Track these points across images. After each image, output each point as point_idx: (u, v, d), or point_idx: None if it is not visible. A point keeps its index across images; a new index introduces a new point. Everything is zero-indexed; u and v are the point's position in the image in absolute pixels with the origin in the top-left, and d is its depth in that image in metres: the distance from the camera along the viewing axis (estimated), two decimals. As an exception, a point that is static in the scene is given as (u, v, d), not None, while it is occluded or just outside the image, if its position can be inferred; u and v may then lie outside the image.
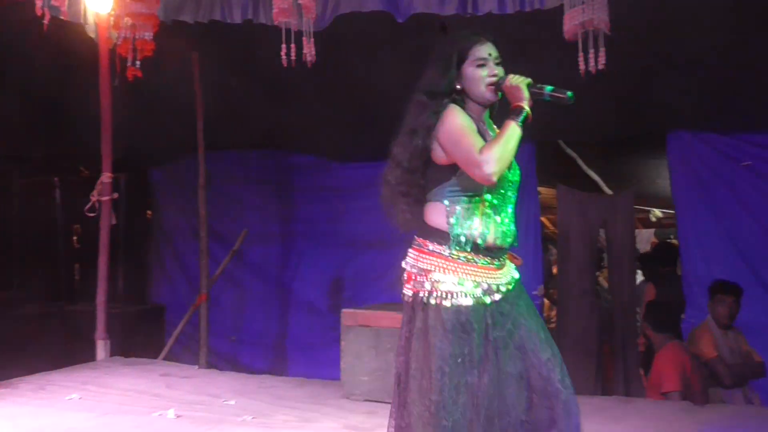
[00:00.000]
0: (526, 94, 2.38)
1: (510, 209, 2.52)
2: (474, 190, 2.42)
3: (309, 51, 3.86)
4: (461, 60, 2.48)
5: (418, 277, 2.43)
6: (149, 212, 7.73)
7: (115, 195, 5.35)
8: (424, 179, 2.50)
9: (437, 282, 2.39)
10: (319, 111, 5.92)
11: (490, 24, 4.04)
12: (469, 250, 2.41)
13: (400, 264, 2.53)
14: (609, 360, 6.17)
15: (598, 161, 6.79)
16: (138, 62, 4.49)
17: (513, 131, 2.34)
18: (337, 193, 6.78)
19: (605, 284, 6.76)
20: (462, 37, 2.53)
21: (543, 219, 6.92)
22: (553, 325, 6.38)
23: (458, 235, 2.41)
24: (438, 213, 2.46)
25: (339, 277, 6.91)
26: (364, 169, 6.61)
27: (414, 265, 2.45)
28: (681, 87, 4.87)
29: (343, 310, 4.58)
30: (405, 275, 2.49)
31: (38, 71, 5.55)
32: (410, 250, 2.49)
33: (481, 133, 2.43)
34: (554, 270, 7.13)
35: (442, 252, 2.41)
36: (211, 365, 5.84)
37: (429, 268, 2.41)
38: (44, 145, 6.51)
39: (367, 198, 6.59)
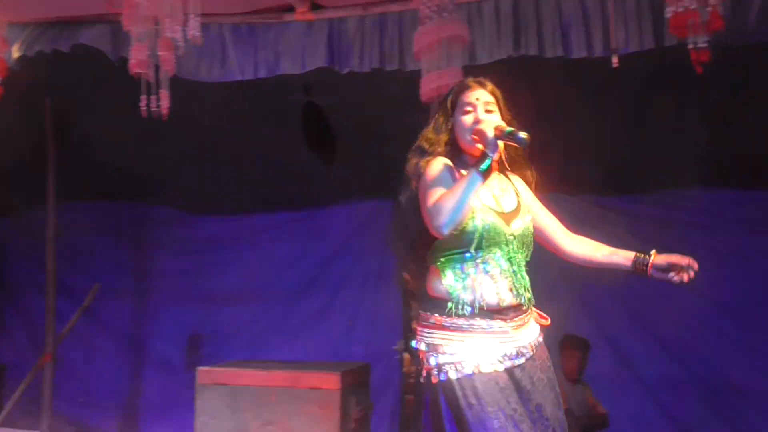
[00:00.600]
0: (490, 138, 2.19)
1: (514, 262, 2.31)
2: (464, 246, 2.27)
3: (164, 103, 3.77)
4: (453, 107, 2.39)
5: (427, 354, 2.28)
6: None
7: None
8: (421, 238, 2.32)
9: (443, 355, 2.24)
10: (178, 161, 5.79)
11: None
12: (468, 314, 2.25)
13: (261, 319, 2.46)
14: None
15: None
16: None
17: (471, 180, 2.15)
18: (196, 247, 6.61)
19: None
20: (459, 83, 2.46)
21: (405, 275, 7.02)
22: (412, 380, 6.43)
23: (456, 300, 2.25)
24: (434, 277, 2.33)
25: (197, 334, 6.68)
26: (224, 223, 6.51)
27: (421, 341, 2.32)
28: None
29: (199, 368, 4.43)
30: (419, 355, 2.32)
31: None
32: (417, 326, 2.34)
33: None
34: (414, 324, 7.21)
35: (444, 323, 2.27)
36: (55, 430, 5.44)
37: (436, 343, 2.27)
38: None
39: (227, 252, 6.52)
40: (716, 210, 5.22)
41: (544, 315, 2.46)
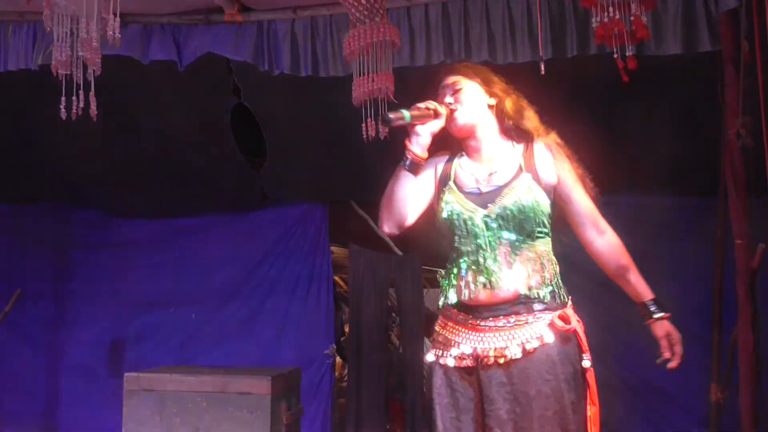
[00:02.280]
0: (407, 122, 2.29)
1: (495, 250, 2.26)
2: (448, 242, 2.35)
3: (92, 105, 3.67)
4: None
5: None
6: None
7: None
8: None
9: (434, 341, 2.40)
10: (102, 162, 5.65)
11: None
12: (457, 308, 2.34)
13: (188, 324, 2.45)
14: (399, 417, 6.31)
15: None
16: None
17: (395, 175, 2.30)
18: (119, 250, 6.44)
19: (397, 342, 6.94)
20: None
21: (336, 278, 7.01)
22: (344, 384, 6.43)
23: (446, 292, 2.34)
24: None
25: (121, 339, 6.51)
26: (150, 225, 6.37)
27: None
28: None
29: (126, 374, 4.37)
30: None
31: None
32: None
33: (446, 172, 2.39)
34: (346, 329, 7.22)
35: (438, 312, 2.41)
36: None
37: (436, 329, 2.43)
38: None
39: (152, 255, 6.36)
40: (634, 213, 5.37)
41: (568, 317, 2.31)
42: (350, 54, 3.35)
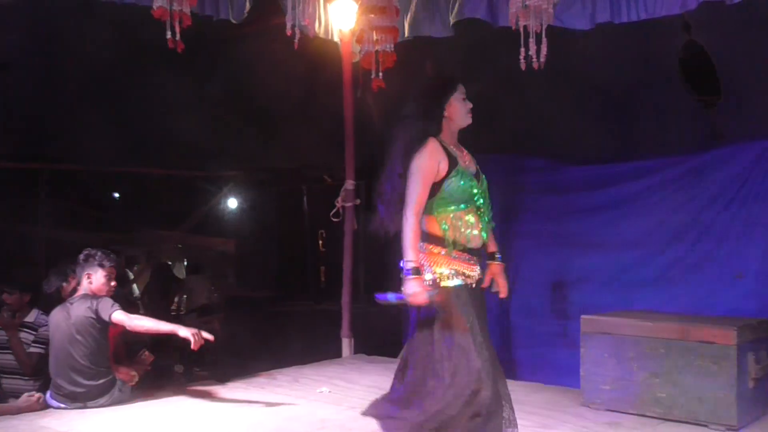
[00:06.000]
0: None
1: (485, 213, 3.10)
2: (456, 202, 3.00)
3: (542, 53, 3.85)
4: (452, 92, 3.07)
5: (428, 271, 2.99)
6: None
7: (358, 201, 5.63)
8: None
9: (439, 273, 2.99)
10: (551, 113, 5.87)
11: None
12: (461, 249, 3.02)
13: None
14: None
15: None
16: (381, 73, 4.72)
17: (407, 255, 2.91)
18: (565, 194, 6.60)
19: None
20: (449, 75, 3.23)
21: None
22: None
23: (448, 239, 2.99)
24: (433, 223, 3.01)
25: (564, 280, 6.71)
26: (594, 170, 6.41)
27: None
28: None
29: (583, 317, 4.49)
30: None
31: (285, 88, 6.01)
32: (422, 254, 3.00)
33: (452, 156, 3.00)
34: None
35: (441, 252, 2.99)
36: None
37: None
38: (296, 157, 7.00)
39: (593, 197, 6.38)
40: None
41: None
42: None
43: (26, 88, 6.47)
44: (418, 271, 2.87)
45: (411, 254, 2.87)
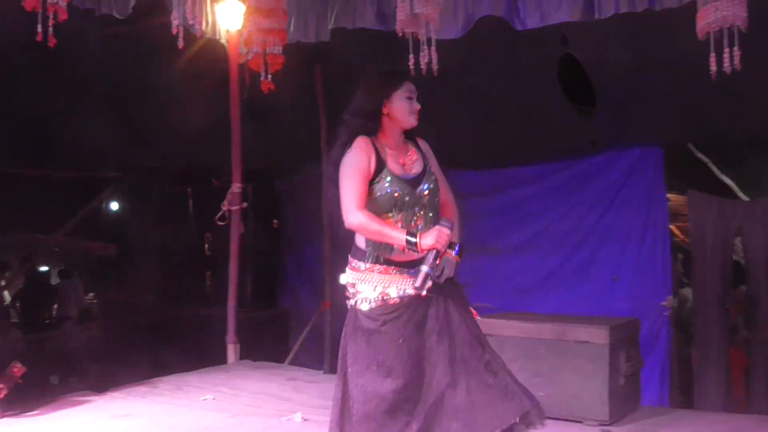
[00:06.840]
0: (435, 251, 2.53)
1: (426, 221, 2.66)
2: (384, 211, 2.65)
3: (433, 60, 3.89)
4: (394, 89, 2.72)
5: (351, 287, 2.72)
6: (275, 221, 7.95)
7: (244, 204, 5.53)
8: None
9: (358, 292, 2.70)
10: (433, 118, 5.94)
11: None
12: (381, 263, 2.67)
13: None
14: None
15: (732, 165, 6.46)
16: (269, 76, 4.65)
17: (393, 237, 2.55)
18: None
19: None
20: (393, 70, 2.84)
21: (672, 227, 6.64)
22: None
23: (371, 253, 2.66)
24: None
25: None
26: (480, 175, 6.52)
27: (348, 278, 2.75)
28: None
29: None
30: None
31: (172, 88, 5.86)
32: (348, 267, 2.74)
33: (381, 158, 2.65)
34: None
35: (361, 267, 2.69)
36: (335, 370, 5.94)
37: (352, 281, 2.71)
38: (180, 158, 6.84)
39: (482, 203, 6.50)
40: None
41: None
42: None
43: None
44: (414, 234, 2.54)
45: (393, 234, 2.58)
